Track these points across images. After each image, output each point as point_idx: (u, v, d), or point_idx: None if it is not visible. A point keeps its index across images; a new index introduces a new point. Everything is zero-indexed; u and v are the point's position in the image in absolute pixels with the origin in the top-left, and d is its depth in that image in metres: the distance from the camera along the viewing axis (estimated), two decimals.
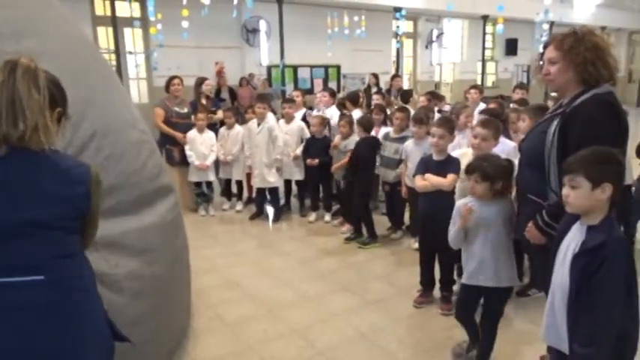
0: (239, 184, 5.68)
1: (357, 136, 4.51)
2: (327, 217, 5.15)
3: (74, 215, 1.41)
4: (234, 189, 5.74)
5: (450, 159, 3.18)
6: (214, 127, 5.72)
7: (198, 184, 5.42)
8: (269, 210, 5.44)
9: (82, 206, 1.42)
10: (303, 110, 5.85)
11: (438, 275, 3.29)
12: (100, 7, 9.14)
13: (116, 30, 8.16)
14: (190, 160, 5.23)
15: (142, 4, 8.93)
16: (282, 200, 5.51)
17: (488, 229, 2.40)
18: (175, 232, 2.73)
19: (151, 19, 8.37)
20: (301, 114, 5.71)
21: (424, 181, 3.19)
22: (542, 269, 2.08)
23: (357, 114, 5.24)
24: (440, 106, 6.00)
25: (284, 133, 5.18)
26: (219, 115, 5.87)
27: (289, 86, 10.50)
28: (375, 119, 5.01)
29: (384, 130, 4.77)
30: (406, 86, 11.39)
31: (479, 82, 13.09)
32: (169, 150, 5.30)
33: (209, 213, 5.46)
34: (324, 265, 4.02)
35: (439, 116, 4.44)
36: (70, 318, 1.38)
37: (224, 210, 5.61)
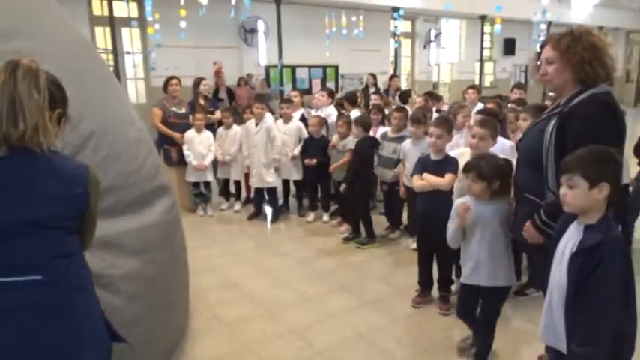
0: (237, 184, 5.67)
1: (354, 136, 4.50)
2: (326, 217, 5.15)
3: (73, 215, 1.41)
4: (232, 189, 5.74)
5: (448, 159, 3.18)
6: (212, 127, 5.72)
7: (196, 184, 5.42)
8: (267, 210, 5.44)
9: (81, 206, 1.43)
10: (301, 110, 5.85)
11: (436, 275, 3.29)
12: (98, 7, 9.13)
13: (114, 30, 8.14)
14: (188, 160, 5.22)
15: (140, 4, 8.93)
16: (281, 200, 5.51)
17: (485, 228, 2.41)
18: (173, 232, 2.72)
19: (149, 19, 8.37)
20: (299, 114, 5.71)
21: (422, 181, 3.19)
22: (540, 269, 2.08)
23: (355, 114, 5.25)
24: (438, 106, 6.00)
25: (282, 133, 5.17)
26: (217, 115, 5.87)
27: (287, 86, 10.50)
28: (373, 119, 5.01)
29: (382, 130, 4.77)
30: (404, 86, 11.39)
31: (477, 82, 13.09)
32: (167, 150, 5.29)
33: (207, 213, 5.46)
34: (322, 265, 4.02)
35: (437, 116, 4.44)
36: (69, 318, 1.39)
37: (222, 210, 5.60)
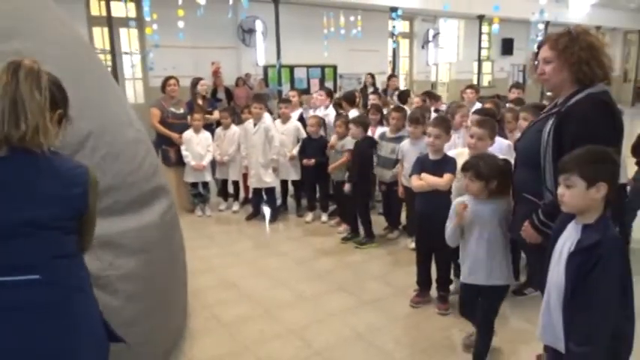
0: (235, 184, 5.67)
1: (351, 137, 4.49)
2: (324, 218, 5.15)
3: (71, 215, 1.42)
4: (230, 189, 5.73)
5: (447, 158, 3.18)
6: (210, 127, 5.72)
7: (194, 184, 5.41)
8: (266, 210, 5.44)
9: (80, 207, 1.43)
10: (299, 110, 5.85)
11: (434, 275, 3.29)
12: (96, 7, 9.12)
13: (111, 30, 8.14)
14: (186, 161, 5.22)
15: (138, 4, 8.91)
16: (279, 200, 5.51)
17: (483, 227, 2.42)
18: (172, 232, 2.72)
19: (147, 19, 8.37)
20: (297, 114, 5.71)
21: (420, 181, 3.19)
22: (538, 268, 2.08)
23: (353, 114, 5.24)
24: (436, 106, 6.01)
25: (280, 133, 5.17)
26: (215, 116, 5.87)
27: (286, 86, 10.50)
28: (372, 119, 5.01)
29: (380, 130, 4.77)
30: (402, 86, 11.41)
31: (475, 81, 13.12)
32: (165, 151, 5.28)
33: (205, 213, 5.45)
34: (320, 266, 4.02)
35: (435, 116, 4.45)
36: (68, 318, 1.39)
37: (220, 210, 5.60)
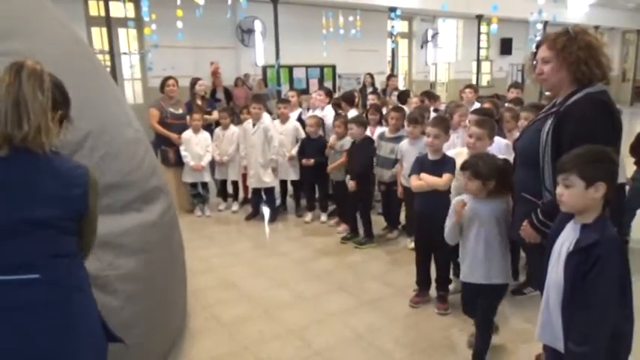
0: (235, 184, 5.67)
1: (351, 137, 4.48)
2: (323, 218, 5.15)
3: (71, 216, 1.43)
4: (229, 189, 5.73)
5: (446, 158, 3.18)
6: (210, 127, 5.71)
7: (194, 184, 5.41)
8: (265, 210, 5.43)
9: (79, 207, 1.44)
10: (298, 110, 5.85)
11: (434, 275, 3.29)
12: (94, 7, 9.10)
13: (110, 30, 8.12)
14: (186, 161, 5.22)
15: (136, 4, 8.90)
16: (278, 201, 5.51)
17: (482, 226, 2.43)
18: (171, 232, 2.72)
19: (146, 19, 8.35)
20: (296, 114, 5.71)
21: (419, 181, 3.20)
22: (537, 268, 2.08)
23: (352, 114, 5.24)
24: (436, 106, 6.01)
25: (279, 133, 5.17)
26: (214, 116, 5.86)
27: (285, 86, 10.49)
28: (371, 119, 5.02)
29: (379, 130, 4.77)
30: (401, 86, 11.41)
31: (474, 81, 13.13)
32: (165, 151, 5.28)
33: (205, 214, 5.45)
34: (320, 266, 4.02)
35: (434, 116, 4.45)
36: (67, 318, 1.39)
37: (220, 211, 5.60)
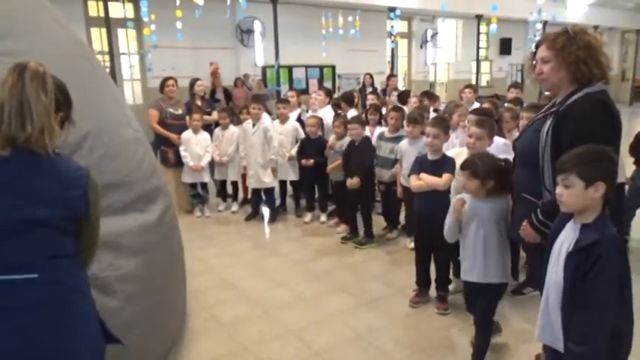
0: (234, 184, 5.66)
1: (351, 137, 4.48)
2: (323, 218, 5.15)
3: (71, 216, 1.43)
4: (229, 190, 5.73)
5: (445, 158, 3.18)
6: (209, 128, 5.71)
7: (193, 185, 5.41)
8: (265, 211, 5.43)
9: (79, 208, 1.44)
10: (297, 111, 5.85)
11: (433, 275, 3.29)
12: (94, 8, 9.10)
13: (110, 31, 8.12)
14: (185, 161, 5.22)
15: (136, 5, 8.89)
16: (278, 201, 5.51)
17: (481, 225, 2.44)
18: (170, 232, 2.72)
19: (145, 19, 8.34)
20: (296, 114, 5.70)
21: (419, 181, 3.20)
22: (537, 268, 2.08)
23: (352, 114, 5.23)
24: (435, 106, 6.01)
25: (279, 133, 5.17)
26: (214, 116, 5.86)
27: (284, 87, 10.49)
28: (371, 119, 5.02)
29: (379, 130, 4.77)
30: (401, 86, 11.40)
31: (473, 81, 13.13)
32: (164, 151, 5.28)
33: (204, 214, 5.45)
34: (319, 266, 4.01)
35: (434, 115, 4.44)
36: (66, 318, 1.39)
37: (219, 211, 5.60)
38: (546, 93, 2.43)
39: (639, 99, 18.57)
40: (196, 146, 5.24)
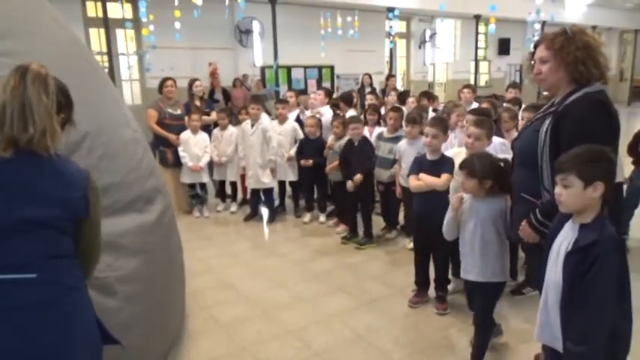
0: (233, 185, 5.66)
1: (353, 136, 4.47)
2: (322, 218, 5.15)
3: (71, 217, 1.44)
4: (228, 190, 5.73)
5: (444, 158, 3.19)
6: (208, 128, 5.71)
7: (192, 185, 5.41)
8: (263, 211, 5.43)
9: (79, 209, 1.45)
10: (296, 111, 5.85)
11: (433, 275, 3.29)
12: (92, 8, 9.09)
13: (108, 31, 8.11)
14: (184, 162, 5.21)
15: (134, 5, 8.88)
16: (277, 201, 5.51)
17: (478, 224, 2.45)
18: (169, 233, 2.72)
19: (143, 20, 8.34)
20: (295, 114, 5.70)
21: (418, 181, 3.20)
22: (536, 268, 2.09)
23: (351, 114, 5.24)
24: (434, 106, 6.01)
25: (278, 133, 5.17)
26: (212, 117, 5.86)
27: (283, 87, 10.48)
28: (369, 119, 5.02)
29: (377, 130, 4.77)
30: (400, 86, 11.41)
31: (472, 81, 13.12)
32: (163, 152, 5.28)
33: (203, 214, 5.45)
34: (319, 266, 4.02)
35: (433, 116, 4.45)
36: (64, 318, 1.39)
37: (218, 211, 5.60)
38: (545, 93, 2.43)
39: (637, 99, 18.61)
40: (195, 147, 5.23)
